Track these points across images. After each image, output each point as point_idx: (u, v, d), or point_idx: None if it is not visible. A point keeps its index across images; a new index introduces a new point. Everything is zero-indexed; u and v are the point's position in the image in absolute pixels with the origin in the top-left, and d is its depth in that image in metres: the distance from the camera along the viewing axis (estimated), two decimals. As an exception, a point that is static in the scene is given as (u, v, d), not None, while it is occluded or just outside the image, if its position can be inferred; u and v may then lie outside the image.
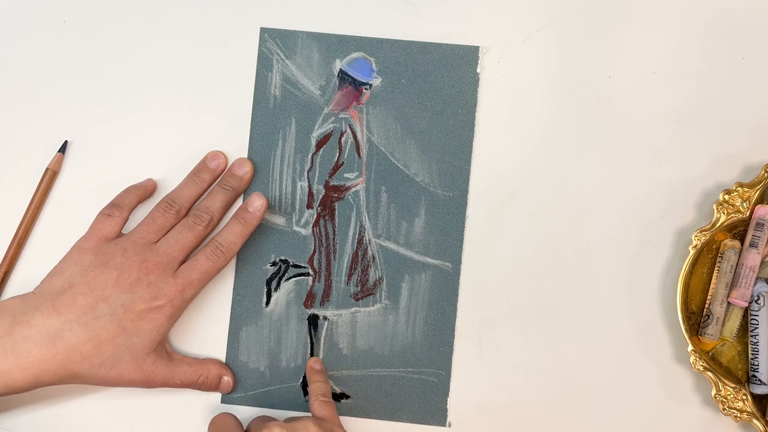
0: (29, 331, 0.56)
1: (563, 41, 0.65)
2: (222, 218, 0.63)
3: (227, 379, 0.63)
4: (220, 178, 0.64)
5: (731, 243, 0.61)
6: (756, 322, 0.60)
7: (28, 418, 0.63)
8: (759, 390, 0.60)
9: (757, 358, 0.60)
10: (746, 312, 0.61)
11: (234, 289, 0.64)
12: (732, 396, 0.60)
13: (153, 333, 0.58)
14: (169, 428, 0.64)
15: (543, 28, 0.65)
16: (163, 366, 0.60)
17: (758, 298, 0.60)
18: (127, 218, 0.62)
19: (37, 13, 0.66)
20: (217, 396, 0.64)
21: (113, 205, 0.62)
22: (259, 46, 0.65)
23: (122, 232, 0.62)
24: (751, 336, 0.60)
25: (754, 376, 0.60)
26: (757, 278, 0.61)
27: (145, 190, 0.64)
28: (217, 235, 0.61)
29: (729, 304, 0.60)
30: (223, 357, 0.64)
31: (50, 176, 0.64)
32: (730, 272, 0.60)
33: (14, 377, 0.55)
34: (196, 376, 0.61)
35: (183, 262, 0.60)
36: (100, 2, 0.66)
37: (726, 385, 0.60)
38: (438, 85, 0.64)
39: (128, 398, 0.63)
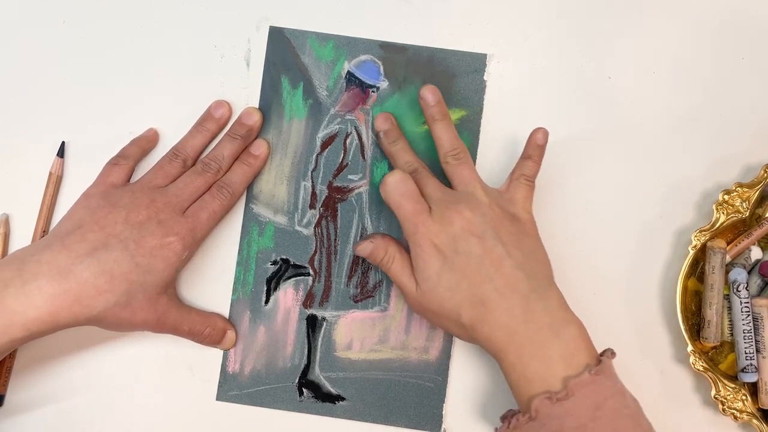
0: (39, 268, 0.55)
1: (563, 41, 0.65)
2: (230, 167, 0.63)
3: (231, 333, 0.63)
4: (228, 127, 0.64)
5: (713, 243, 0.61)
6: (748, 309, 0.60)
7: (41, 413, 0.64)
8: (751, 378, 0.60)
9: (752, 345, 0.60)
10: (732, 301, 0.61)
11: (233, 286, 0.64)
12: (732, 396, 0.60)
13: (165, 272, 0.58)
14: (163, 427, 0.64)
15: (543, 29, 0.65)
16: (174, 309, 0.60)
17: (746, 285, 0.60)
18: (134, 168, 0.63)
19: (37, 13, 0.66)
20: (212, 394, 0.64)
21: (119, 155, 0.63)
22: (268, 44, 0.65)
23: (129, 182, 0.63)
24: (744, 324, 0.60)
25: (750, 364, 0.60)
26: (734, 264, 0.61)
27: (147, 141, 0.64)
28: (222, 177, 0.62)
29: (723, 306, 0.61)
30: (220, 354, 0.64)
31: (55, 181, 0.64)
32: (712, 273, 0.60)
33: (29, 317, 0.54)
34: (203, 326, 0.62)
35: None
36: (100, 2, 0.66)
37: (726, 385, 0.60)
38: (444, 90, 0.64)
39: (124, 397, 0.64)
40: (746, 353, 0.60)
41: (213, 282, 0.64)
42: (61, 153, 0.64)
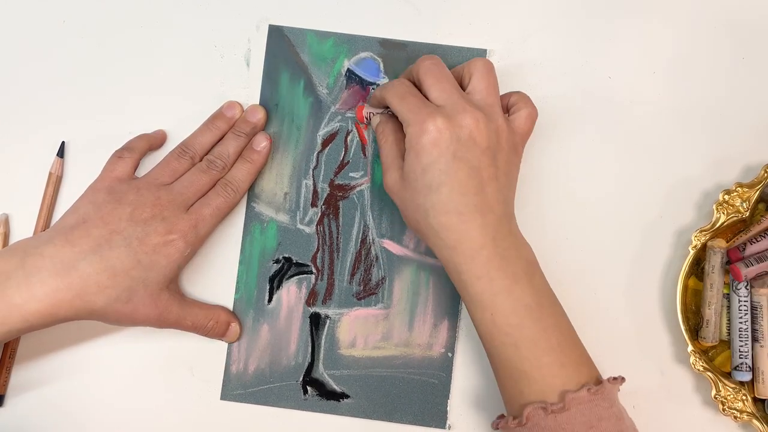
0: (42, 261, 0.56)
1: (563, 41, 0.65)
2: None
3: (234, 326, 0.63)
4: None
5: (713, 243, 0.61)
6: (746, 308, 0.61)
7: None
8: (745, 377, 0.60)
9: (747, 344, 0.60)
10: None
11: (236, 285, 0.64)
12: (732, 396, 0.60)
13: (167, 268, 0.59)
14: (168, 427, 0.64)
15: (543, 28, 0.65)
16: (176, 304, 0.60)
17: (746, 284, 0.61)
18: (139, 161, 0.63)
19: (37, 13, 0.65)
20: (216, 393, 0.64)
21: (124, 148, 0.63)
22: (267, 43, 0.65)
23: (135, 176, 0.63)
24: (741, 322, 0.60)
25: (743, 363, 0.60)
26: None
27: (155, 139, 0.65)
28: (226, 174, 0.63)
29: (722, 306, 0.61)
30: (224, 353, 0.64)
31: (55, 181, 0.64)
32: (712, 273, 0.61)
33: (30, 309, 0.55)
34: (206, 320, 0.62)
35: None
36: (100, 2, 0.65)
37: (726, 385, 0.60)
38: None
39: (127, 397, 0.64)
40: (740, 351, 0.60)
41: (216, 281, 0.64)
42: (61, 153, 0.64)
